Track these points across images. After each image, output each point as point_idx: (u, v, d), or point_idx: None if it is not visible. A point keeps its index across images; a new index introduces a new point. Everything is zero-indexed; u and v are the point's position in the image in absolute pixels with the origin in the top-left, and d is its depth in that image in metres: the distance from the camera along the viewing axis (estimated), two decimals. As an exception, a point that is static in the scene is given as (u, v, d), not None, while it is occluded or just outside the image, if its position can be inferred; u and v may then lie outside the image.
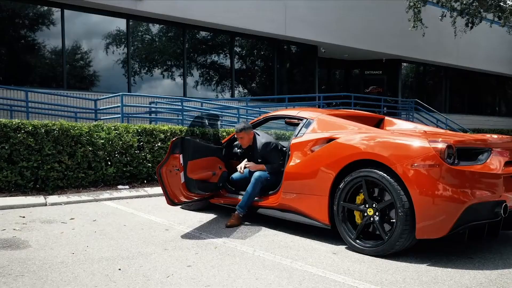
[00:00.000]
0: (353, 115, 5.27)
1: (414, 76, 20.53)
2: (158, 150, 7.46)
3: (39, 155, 6.36)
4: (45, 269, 3.39)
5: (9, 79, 11.03)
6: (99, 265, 3.51)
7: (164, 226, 4.91)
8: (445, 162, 3.50)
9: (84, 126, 6.80)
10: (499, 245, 4.15)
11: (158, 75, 13.40)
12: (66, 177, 6.61)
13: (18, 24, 11.35)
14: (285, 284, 3.11)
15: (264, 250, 3.98)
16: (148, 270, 3.38)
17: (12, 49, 11.29)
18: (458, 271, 3.39)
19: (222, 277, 3.23)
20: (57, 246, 4.04)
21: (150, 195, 6.88)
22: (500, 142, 3.94)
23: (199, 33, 14.14)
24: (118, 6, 11.69)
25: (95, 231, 4.65)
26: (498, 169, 3.63)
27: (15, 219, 5.17)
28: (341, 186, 4.02)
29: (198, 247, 4.05)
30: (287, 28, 14.72)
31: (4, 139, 6.17)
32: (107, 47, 12.44)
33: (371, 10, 16.44)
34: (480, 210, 3.54)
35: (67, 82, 11.60)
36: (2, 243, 4.12)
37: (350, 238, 3.96)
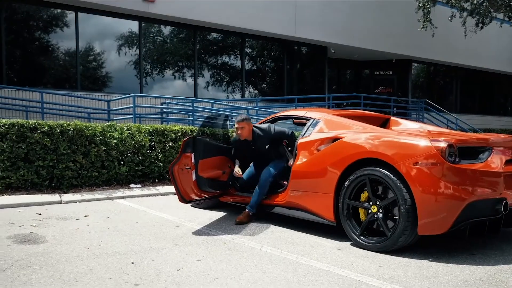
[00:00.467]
0: (359, 115, 5.38)
1: (424, 76, 20.51)
2: (169, 150, 7.63)
3: (54, 155, 6.56)
4: (62, 262, 3.56)
5: (24, 80, 11.30)
6: (113, 259, 3.67)
7: (175, 223, 5.07)
8: (446, 160, 3.60)
9: (97, 127, 6.99)
10: (501, 242, 4.24)
11: (169, 76, 13.60)
12: (80, 176, 6.81)
13: (32, 27, 11.62)
14: (290, 277, 3.24)
15: (271, 246, 4.11)
16: (160, 263, 3.54)
17: (27, 51, 11.56)
18: (459, 266, 3.50)
19: (230, 271, 3.38)
20: (73, 241, 4.22)
21: (162, 194, 7.05)
22: (502, 141, 4.04)
23: (210, 34, 14.32)
24: (131, 9, 11.91)
25: (108, 227, 4.83)
26: (498, 168, 3.73)
27: (32, 216, 5.37)
28: (346, 184, 4.14)
29: (207, 243, 4.20)
30: (296, 29, 14.85)
31: (21, 139, 6.38)
32: (119, 48, 12.67)
33: (381, 10, 16.49)
34: (481, 207, 3.65)
35: (80, 83, 11.85)
36: (21, 238, 4.30)
37: (354, 234, 4.09)
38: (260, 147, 5.27)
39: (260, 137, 5.25)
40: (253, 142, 5.29)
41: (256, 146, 5.30)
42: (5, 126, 6.31)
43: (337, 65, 18.54)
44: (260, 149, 5.28)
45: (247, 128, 5.23)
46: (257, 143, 5.28)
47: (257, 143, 5.28)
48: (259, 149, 5.29)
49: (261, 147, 5.26)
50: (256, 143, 5.29)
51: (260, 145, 5.27)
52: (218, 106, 12.62)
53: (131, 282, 3.11)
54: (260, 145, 5.27)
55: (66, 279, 3.16)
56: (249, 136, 5.28)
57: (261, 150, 5.28)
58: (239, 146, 5.44)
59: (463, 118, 18.48)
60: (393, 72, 19.10)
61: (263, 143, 5.26)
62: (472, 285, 3.10)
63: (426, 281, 3.17)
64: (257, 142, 5.28)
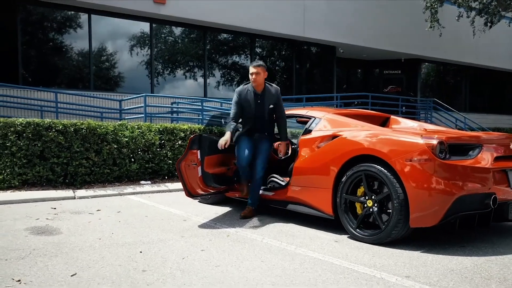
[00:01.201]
0: (360, 114, 5.58)
1: (433, 75, 20.55)
2: (178, 148, 7.89)
3: (68, 152, 6.86)
4: (76, 251, 3.83)
5: (39, 80, 11.65)
6: (122, 248, 3.93)
7: (182, 217, 5.32)
8: (437, 157, 3.80)
9: (109, 125, 7.28)
10: (492, 235, 4.42)
11: (180, 76, 13.89)
12: (93, 172, 7.10)
13: (47, 28, 11.97)
14: (287, 265, 3.47)
15: (272, 238, 4.34)
16: (166, 253, 3.79)
17: (42, 52, 11.91)
18: (448, 257, 3.69)
19: (231, 259, 3.61)
20: (86, 233, 4.49)
21: (171, 190, 7.31)
22: (493, 139, 4.22)
23: (220, 35, 14.58)
24: (142, 11, 12.20)
25: (119, 220, 5.09)
26: (487, 164, 3.91)
27: (47, 210, 5.66)
28: (343, 180, 4.35)
29: (212, 235, 4.44)
30: (305, 29, 15.03)
31: (36, 137, 6.68)
32: (131, 49, 12.98)
33: (389, 10, 16.60)
34: (470, 201, 3.83)
35: (93, 83, 12.18)
36: (37, 230, 4.59)
37: (351, 227, 4.30)
38: (265, 103, 5.11)
39: (269, 91, 5.14)
40: (261, 95, 5.13)
41: (263, 101, 5.12)
42: (21, 125, 6.62)
43: (346, 65, 18.68)
44: (265, 106, 5.11)
45: (262, 75, 5.09)
46: (265, 98, 5.12)
47: (265, 97, 5.12)
48: (264, 106, 5.12)
49: (266, 104, 5.11)
50: (264, 97, 5.12)
51: (267, 101, 5.12)
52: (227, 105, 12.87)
53: (139, 269, 3.36)
54: (267, 101, 5.12)
55: (80, 266, 3.42)
56: (260, 86, 5.12)
57: (265, 108, 5.12)
58: (244, 101, 5.14)
59: (473, 117, 18.50)
60: (402, 72, 19.19)
61: (270, 100, 5.13)
62: (457, 273, 3.29)
63: (414, 269, 3.38)
64: (265, 96, 5.12)
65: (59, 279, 3.12)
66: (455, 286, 3.04)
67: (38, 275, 3.20)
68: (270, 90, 5.17)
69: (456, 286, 3.03)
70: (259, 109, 5.16)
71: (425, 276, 3.23)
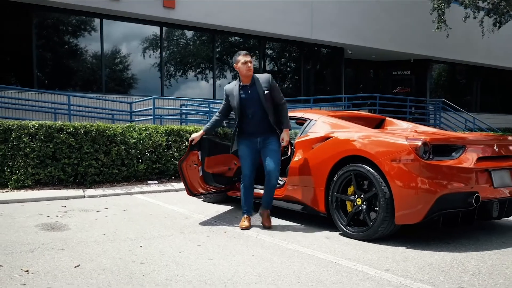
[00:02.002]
0: (355, 116, 5.78)
1: (443, 76, 20.56)
2: (184, 149, 8.16)
3: (78, 153, 7.17)
4: (81, 246, 4.11)
5: (53, 83, 12.06)
6: (125, 243, 4.20)
7: (184, 215, 5.59)
8: (420, 157, 3.99)
9: (118, 127, 7.58)
10: (479, 233, 4.59)
11: (189, 78, 14.20)
12: (102, 173, 7.41)
13: (61, 32, 12.37)
14: (276, 259, 3.70)
15: (267, 234, 4.57)
16: (164, 247, 4.05)
17: (56, 56, 12.32)
18: (430, 253, 3.88)
19: (224, 254, 3.86)
20: (92, 229, 4.77)
21: (177, 190, 7.59)
22: (478, 140, 4.39)
23: (228, 38, 14.86)
24: (152, 15, 12.55)
25: (124, 218, 5.38)
26: (470, 164, 4.09)
27: (57, 208, 5.97)
28: (334, 179, 4.56)
29: (210, 232, 4.69)
30: (313, 31, 15.23)
31: (48, 139, 7.01)
32: (142, 52, 13.33)
33: (398, 11, 16.71)
34: (452, 200, 4.02)
35: (105, 86, 12.54)
36: (47, 226, 4.89)
37: (341, 224, 4.51)
38: (259, 91, 4.75)
39: (259, 80, 4.81)
40: (250, 85, 4.82)
41: (254, 91, 4.78)
42: (34, 127, 6.95)
43: (354, 66, 18.82)
44: (258, 94, 4.75)
45: (252, 67, 4.83)
46: (256, 85, 4.78)
47: (256, 85, 4.78)
48: (257, 95, 4.76)
49: (260, 91, 4.75)
50: (255, 85, 4.79)
51: (259, 88, 4.76)
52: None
53: (138, 261, 3.62)
54: (259, 88, 4.76)
55: (83, 258, 3.70)
56: (250, 78, 4.84)
57: (259, 96, 4.75)
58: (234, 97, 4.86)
59: (484, 117, 18.51)
60: (411, 72, 19.26)
61: (262, 87, 4.77)
62: (435, 267, 3.49)
63: (395, 263, 3.58)
64: (256, 84, 4.79)
65: (64, 270, 3.40)
66: (430, 278, 3.23)
67: (45, 266, 3.48)
68: (260, 78, 4.82)
69: (431, 278, 3.23)
70: (251, 104, 4.79)
71: (404, 269, 3.43)
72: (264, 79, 4.82)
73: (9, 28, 11.43)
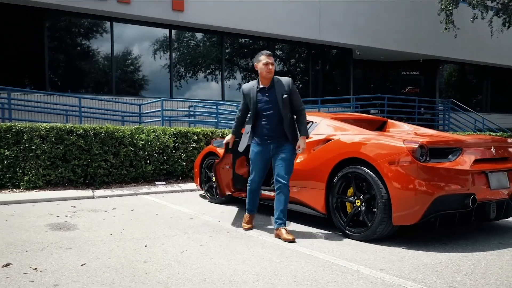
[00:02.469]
0: (357, 119, 5.88)
1: (454, 76, 20.49)
2: (192, 150, 8.31)
3: (88, 155, 7.36)
4: (88, 245, 4.26)
5: (65, 86, 12.31)
6: (130, 242, 4.35)
7: (189, 215, 5.72)
8: (417, 160, 4.08)
9: (126, 129, 7.75)
10: (478, 234, 4.66)
11: (198, 79, 14.38)
12: (111, 173, 7.58)
13: (72, 35, 12.61)
14: (275, 258, 3.81)
15: (268, 235, 4.68)
16: (168, 247, 4.18)
17: (67, 59, 12.57)
18: (427, 253, 3.97)
19: (225, 253, 3.98)
20: (99, 229, 4.93)
21: (184, 190, 7.74)
22: (475, 143, 4.46)
23: (237, 39, 15.00)
24: (162, 18, 12.73)
25: (131, 218, 5.53)
26: (466, 166, 4.17)
27: (67, 208, 6.15)
28: (335, 181, 4.66)
29: (213, 232, 4.81)
30: (321, 32, 15.31)
31: (59, 140, 7.20)
32: (151, 55, 13.54)
33: (406, 11, 16.72)
34: (449, 201, 4.10)
35: (115, 88, 12.76)
36: (56, 226, 5.05)
37: (341, 225, 4.61)
38: (277, 94, 4.57)
39: (278, 81, 4.62)
40: (269, 88, 4.63)
41: (272, 93, 4.59)
42: (45, 130, 7.14)
43: (363, 66, 18.86)
44: (276, 98, 4.57)
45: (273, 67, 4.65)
46: (276, 88, 4.60)
47: (276, 88, 4.60)
48: (275, 98, 4.57)
49: (279, 95, 4.56)
50: (274, 87, 4.61)
51: (279, 91, 4.57)
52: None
53: (141, 260, 3.76)
54: (279, 91, 4.57)
55: (90, 257, 3.85)
56: (270, 80, 4.65)
57: (277, 100, 4.56)
58: (251, 98, 4.67)
59: (494, 117, 18.43)
60: (420, 72, 19.23)
61: (282, 90, 4.57)
62: (430, 267, 3.57)
63: (390, 263, 3.67)
64: (275, 87, 4.60)
65: (70, 268, 3.55)
66: (423, 278, 3.32)
67: (52, 264, 3.64)
68: (280, 81, 4.62)
69: (423, 278, 3.32)
70: (269, 108, 4.60)
71: (398, 269, 3.52)
72: (284, 82, 4.61)
73: (22, 31, 11.69)
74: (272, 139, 4.68)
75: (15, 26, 11.56)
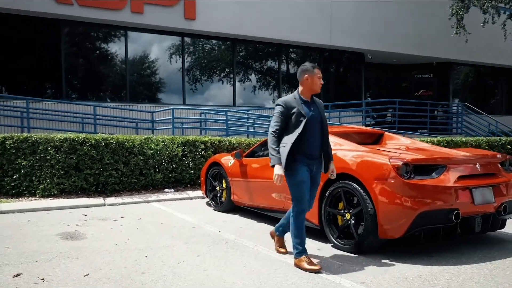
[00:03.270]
0: (354, 132, 6.08)
1: (469, 78, 20.37)
2: (199, 158, 8.61)
3: (100, 164, 7.71)
4: (93, 255, 4.58)
5: (81, 94, 12.76)
6: (133, 253, 4.65)
7: (193, 224, 6.01)
8: (401, 176, 4.28)
9: (136, 139, 8.08)
10: (465, 246, 4.83)
11: (211, 85, 14.69)
12: (121, 182, 7.93)
13: (89, 44, 13.05)
14: (264, 270, 4.06)
15: (264, 245, 4.94)
16: (167, 258, 4.47)
17: (83, 67, 13.01)
18: (410, 266, 4.17)
19: (219, 264, 4.25)
20: (106, 239, 5.25)
21: (191, 198, 8.04)
22: (460, 159, 4.63)
23: (248, 46, 15.26)
24: (174, 27, 13.07)
25: (137, 227, 5.84)
26: (449, 183, 4.35)
27: (78, 216, 6.50)
28: (326, 195, 4.89)
29: (212, 242, 5.09)
30: (332, 37, 15.47)
31: (72, 151, 7.57)
32: (164, 62, 13.90)
33: (418, 15, 16.73)
34: (433, 216, 4.29)
35: (130, 95, 13.16)
36: (66, 235, 5.39)
37: (332, 237, 4.83)
38: (320, 111, 4.31)
39: (316, 100, 4.38)
40: (311, 102, 4.30)
41: (315, 109, 4.28)
42: (59, 140, 7.52)
43: (375, 69, 18.89)
44: (320, 114, 4.29)
45: None
46: (317, 105, 4.31)
47: (317, 104, 4.32)
48: (319, 114, 4.29)
49: (321, 112, 4.32)
50: (316, 103, 4.32)
51: (320, 108, 4.32)
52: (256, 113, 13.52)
53: (140, 271, 4.05)
54: (320, 108, 4.32)
55: (93, 267, 4.16)
56: (311, 94, 4.33)
57: (321, 116, 4.30)
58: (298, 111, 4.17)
59: (510, 120, 18.31)
60: (434, 75, 19.20)
61: (322, 107, 4.35)
62: (409, 280, 3.78)
63: (372, 276, 3.89)
64: (316, 103, 4.32)
65: (74, 278, 3.86)
66: (400, 292, 3.54)
67: (59, 275, 3.96)
68: (316, 99, 4.40)
69: (400, 292, 3.53)
70: (314, 122, 4.22)
71: (378, 282, 3.74)
72: (320, 103, 4.41)
73: (40, 42, 12.15)
74: (314, 159, 4.27)
75: (33, 36, 12.03)
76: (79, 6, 11.73)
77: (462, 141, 11.70)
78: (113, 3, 12.13)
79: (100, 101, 12.65)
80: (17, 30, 11.79)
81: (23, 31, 11.87)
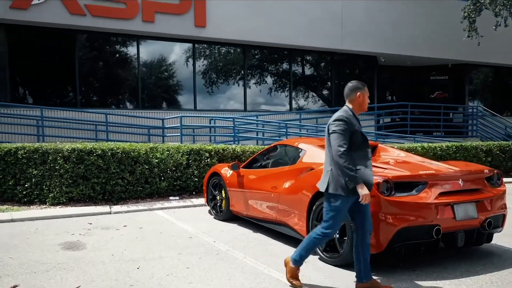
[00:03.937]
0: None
1: (485, 80, 20.09)
2: (204, 167, 8.82)
3: (106, 173, 7.99)
4: (89, 266, 4.81)
5: (95, 101, 13.14)
6: (126, 264, 4.87)
7: (190, 234, 6.21)
8: (381, 193, 4.39)
9: (142, 149, 8.33)
10: (449, 261, 4.89)
11: (221, 91, 14.91)
12: (127, 190, 8.20)
13: (102, 53, 13.42)
14: (247, 283, 4.23)
15: (253, 257, 5.10)
16: (157, 269, 4.67)
17: (96, 75, 13.40)
18: (390, 281, 4.27)
19: (205, 277, 4.43)
20: (104, 249, 5.49)
21: (195, 205, 8.25)
22: (442, 176, 4.70)
23: (258, 51, 15.42)
24: (185, 34, 13.33)
25: (136, 237, 6.07)
26: (430, 199, 4.44)
27: (84, 225, 6.78)
28: (313, 208, 5.03)
29: (204, 253, 5.27)
30: (343, 42, 15.49)
31: (80, 161, 7.87)
32: (176, 69, 14.20)
33: (431, 17, 16.58)
34: (413, 232, 4.39)
35: (141, 102, 13.49)
36: (68, 245, 5.66)
37: (319, 250, 4.96)
38: None
39: None
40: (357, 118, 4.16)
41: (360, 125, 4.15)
42: (68, 151, 7.83)
43: (389, 72, 18.81)
44: None
45: None
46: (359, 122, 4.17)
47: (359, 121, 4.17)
48: None
49: None
50: (359, 121, 4.16)
51: None
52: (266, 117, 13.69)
53: (128, 283, 4.27)
54: None
55: (86, 279, 4.39)
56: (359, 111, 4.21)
57: None
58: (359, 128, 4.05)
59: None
60: (449, 77, 19.01)
61: None
62: (384, 296, 3.90)
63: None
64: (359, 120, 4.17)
65: (66, 290, 4.10)
66: (371, 308, 3.66)
67: (53, 286, 4.20)
68: None
69: (371, 308, 3.65)
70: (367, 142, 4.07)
71: (353, 298, 3.87)
72: None
73: (55, 51, 12.58)
74: None
75: (48, 46, 12.46)
76: (92, 16, 12.09)
77: (472, 146, 11.61)
78: (125, 13, 12.45)
79: (113, 109, 13.00)
80: (32, 40, 12.23)
81: (39, 41, 12.30)
